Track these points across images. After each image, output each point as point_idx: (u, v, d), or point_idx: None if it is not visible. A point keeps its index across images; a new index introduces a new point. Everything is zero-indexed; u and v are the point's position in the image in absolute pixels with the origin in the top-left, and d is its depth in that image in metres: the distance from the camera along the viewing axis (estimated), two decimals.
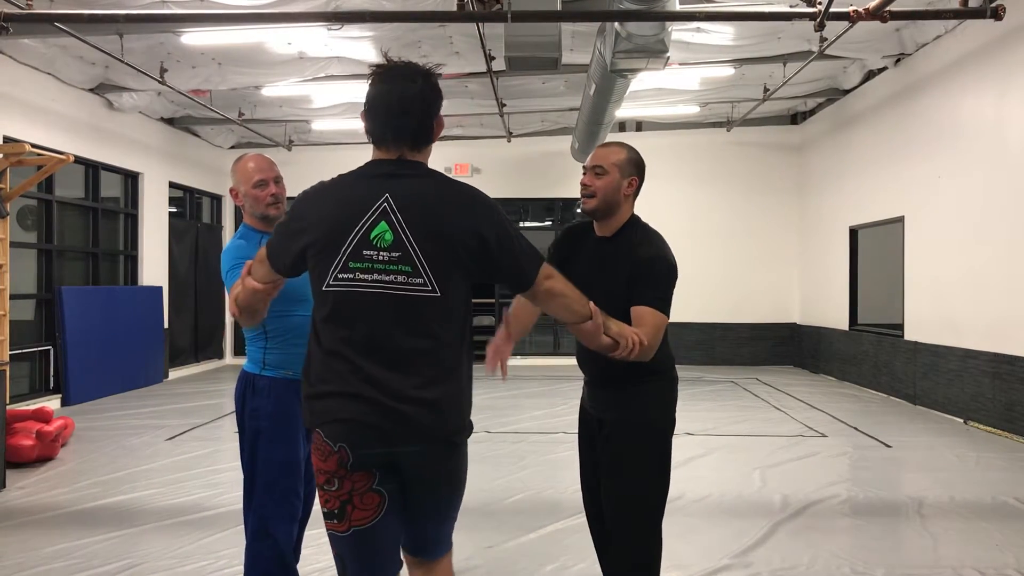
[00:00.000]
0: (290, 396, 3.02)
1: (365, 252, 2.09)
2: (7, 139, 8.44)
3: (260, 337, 3.01)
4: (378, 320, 2.10)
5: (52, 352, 9.46)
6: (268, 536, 3.00)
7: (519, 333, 2.93)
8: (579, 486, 3.10)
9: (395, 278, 2.09)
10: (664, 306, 2.68)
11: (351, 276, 2.10)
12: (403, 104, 2.17)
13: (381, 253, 2.09)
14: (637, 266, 2.72)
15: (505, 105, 10.79)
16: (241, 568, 3.25)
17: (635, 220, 2.89)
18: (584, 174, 2.87)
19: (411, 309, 2.10)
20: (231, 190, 3.17)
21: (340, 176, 2.25)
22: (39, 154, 6.72)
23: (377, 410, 2.10)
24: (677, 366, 2.99)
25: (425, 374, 2.13)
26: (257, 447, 3.01)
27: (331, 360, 2.15)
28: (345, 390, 2.12)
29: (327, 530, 2.23)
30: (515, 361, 13.99)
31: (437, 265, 2.10)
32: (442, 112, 2.26)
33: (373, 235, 2.10)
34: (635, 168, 2.85)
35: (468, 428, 2.28)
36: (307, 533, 4.50)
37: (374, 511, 2.16)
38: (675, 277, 2.76)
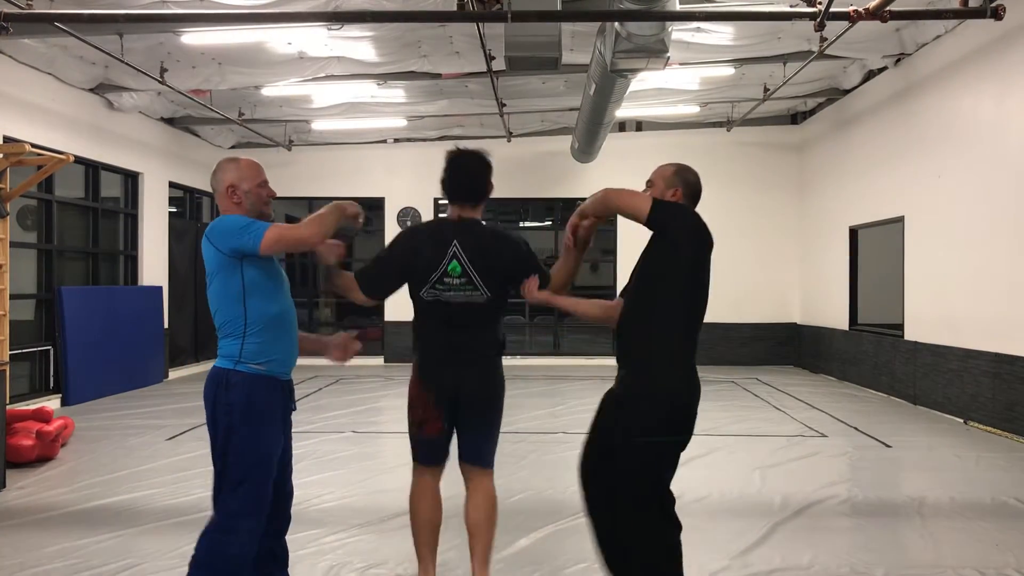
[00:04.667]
0: (262, 391, 3.03)
1: (445, 279, 3.37)
2: (7, 139, 8.44)
3: (238, 330, 3.02)
4: (454, 314, 3.41)
5: (52, 352, 9.46)
6: (232, 531, 2.98)
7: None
8: (578, 487, 3.15)
9: (464, 293, 3.38)
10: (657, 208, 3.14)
11: (437, 291, 3.39)
12: (466, 179, 3.46)
13: (455, 279, 3.37)
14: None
15: (505, 105, 10.78)
16: None
17: None
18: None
19: (471, 308, 3.41)
20: (228, 187, 3.12)
21: (426, 224, 3.79)
22: (39, 154, 6.71)
23: (452, 366, 3.43)
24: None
25: (479, 343, 3.46)
26: (229, 443, 3.00)
27: (426, 339, 3.49)
28: (437, 356, 3.47)
29: (409, 429, 3.53)
30: (515, 361, 13.99)
31: (487, 281, 3.38)
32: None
33: (449, 268, 3.36)
34: (679, 180, 3.22)
35: (501, 373, 3.55)
36: (305, 533, 4.54)
37: (437, 433, 3.47)
38: (697, 229, 3.10)
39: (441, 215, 13.09)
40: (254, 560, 3.16)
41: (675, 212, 3.08)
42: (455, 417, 3.46)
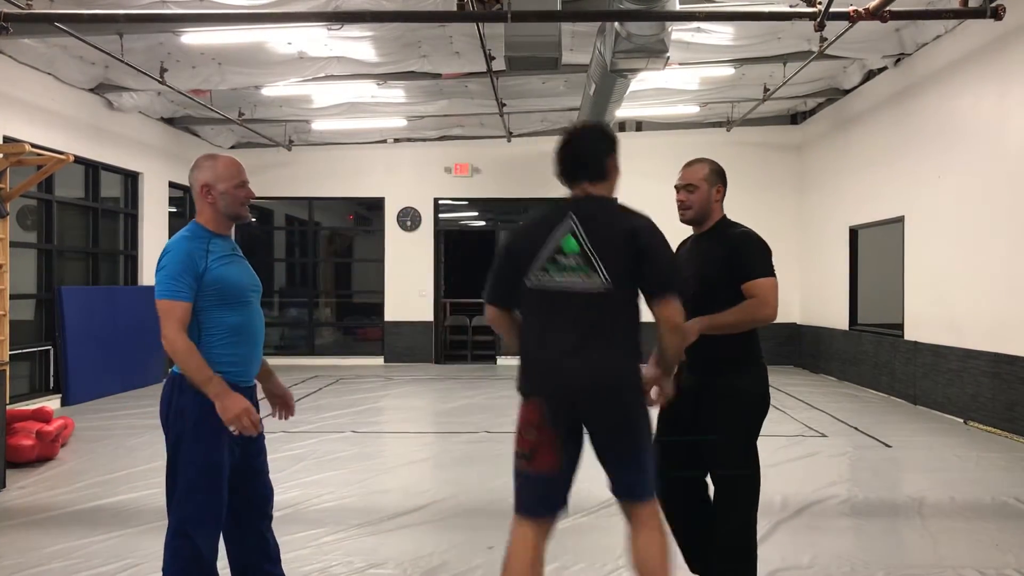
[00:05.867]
0: None
1: (557, 258, 2.79)
2: (7, 139, 8.44)
3: (194, 337, 2.98)
4: (568, 308, 2.78)
5: (52, 352, 9.46)
6: (187, 536, 2.95)
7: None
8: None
9: (579, 277, 2.76)
10: (766, 270, 3.19)
11: (547, 275, 2.80)
12: (579, 155, 2.91)
13: (570, 259, 2.77)
14: (732, 245, 3.25)
15: (505, 105, 10.78)
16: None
17: (725, 217, 3.41)
18: (678, 192, 3.37)
19: (590, 300, 2.76)
20: (203, 186, 3.06)
21: (538, 211, 3.00)
22: (39, 154, 6.71)
23: (569, 378, 2.76)
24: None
25: (603, 349, 2.76)
26: (179, 448, 2.97)
27: (534, 343, 2.86)
28: (548, 364, 2.80)
29: (515, 464, 2.87)
30: (515, 361, 13.96)
31: (610, 265, 2.74)
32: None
33: (563, 244, 2.78)
34: (718, 177, 3.37)
35: (635, 387, 2.83)
36: (305, 533, 4.54)
37: (549, 469, 2.80)
38: (767, 247, 3.25)
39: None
40: (245, 558, 3.18)
41: (767, 254, 3.26)
42: (578, 446, 2.87)
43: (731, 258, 3.20)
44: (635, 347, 2.82)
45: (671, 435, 3.39)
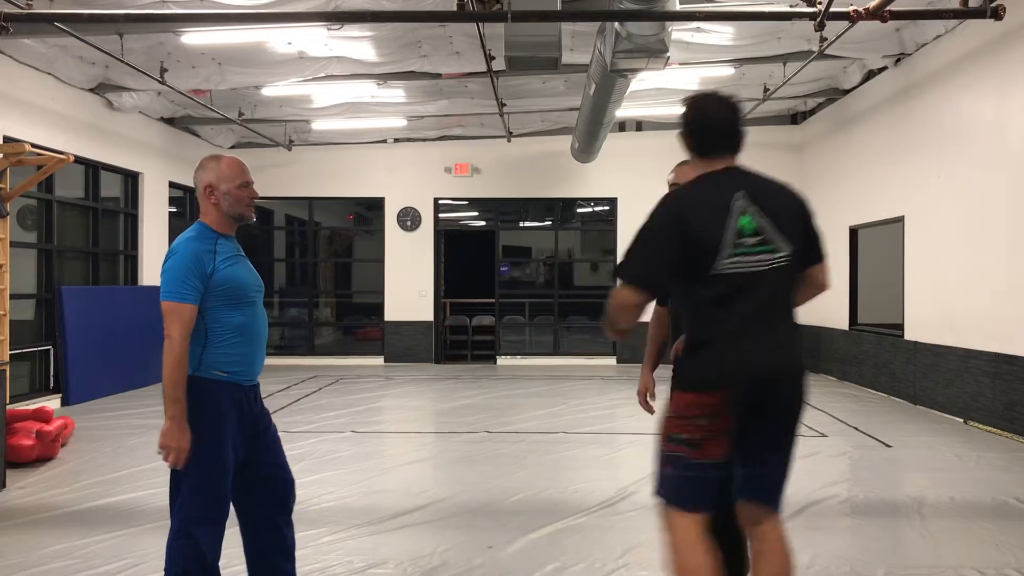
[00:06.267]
0: (220, 398, 2.99)
1: (738, 243, 2.60)
2: (7, 139, 8.44)
3: (199, 338, 2.97)
4: (764, 290, 2.64)
5: (52, 352, 9.46)
6: (190, 537, 2.95)
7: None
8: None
9: (763, 256, 2.63)
10: None
11: (736, 259, 2.60)
12: (724, 127, 2.78)
13: (749, 240, 2.62)
14: None
15: (505, 105, 10.78)
16: (238, 568, 3.25)
17: None
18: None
19: (778, 277, 2.67)
20: (206, 187, 3.09)
21: (686, 185, 2.81)
22: (39, 154, 6.71)
23: (760, 360, 2.62)
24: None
25: (792, 325, 2.77)
26: None
27: (723, 326, 2.62)
28: (737, 346, 2.61)
29: (671, 452, 2.65)
30: (515, 361, 13.99)
31: (793, 237, 2.68)
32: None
33: (740, 226, 2.61)
34: None
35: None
36: (305, 533, 4.54)
37: (720, 456, 2.61)
38: None
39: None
40: (260, 552, 3.18)
41: None
42: (744, 437, 2.67)
43: None
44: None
45: None
